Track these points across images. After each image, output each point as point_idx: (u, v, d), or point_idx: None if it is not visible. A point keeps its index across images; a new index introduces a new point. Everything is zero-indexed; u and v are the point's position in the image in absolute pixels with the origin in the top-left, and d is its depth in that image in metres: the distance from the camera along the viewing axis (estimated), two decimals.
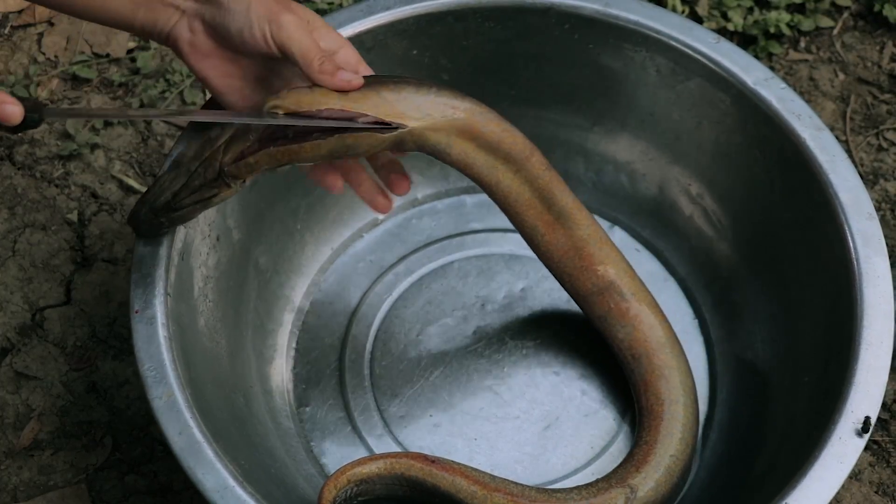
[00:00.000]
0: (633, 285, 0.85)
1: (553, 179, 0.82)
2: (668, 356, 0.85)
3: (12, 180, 1.05)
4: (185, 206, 0.77)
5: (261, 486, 0.75)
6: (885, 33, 1.14)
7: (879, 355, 0.76)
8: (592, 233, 0.84)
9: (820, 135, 0.84)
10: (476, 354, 0.93)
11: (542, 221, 0.84)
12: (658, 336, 0.85)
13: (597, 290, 0.85)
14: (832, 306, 0.81)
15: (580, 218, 0.84)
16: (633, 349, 0.85)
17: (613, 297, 0.85)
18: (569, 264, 0.85)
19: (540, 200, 0.83)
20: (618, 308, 0.85)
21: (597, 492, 0.80)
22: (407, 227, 1.00)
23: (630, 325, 0.85)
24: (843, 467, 0.73)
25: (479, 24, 0.90)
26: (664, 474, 0.81)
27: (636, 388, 0.86)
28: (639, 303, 0.85)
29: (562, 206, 0.83)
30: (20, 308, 0.99)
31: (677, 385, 0.84)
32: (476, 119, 0.78)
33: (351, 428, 0.90)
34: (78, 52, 1.12)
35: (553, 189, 0.83)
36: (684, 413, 0.83)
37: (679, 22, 0.89)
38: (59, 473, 0.92)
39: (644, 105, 0.94)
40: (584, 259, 0.85)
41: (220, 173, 0.76)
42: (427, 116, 0.76)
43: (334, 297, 0.96)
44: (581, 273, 0.85)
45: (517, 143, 0.80)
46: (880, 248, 0.80)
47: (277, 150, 0.74)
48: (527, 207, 0.83)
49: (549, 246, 0.85)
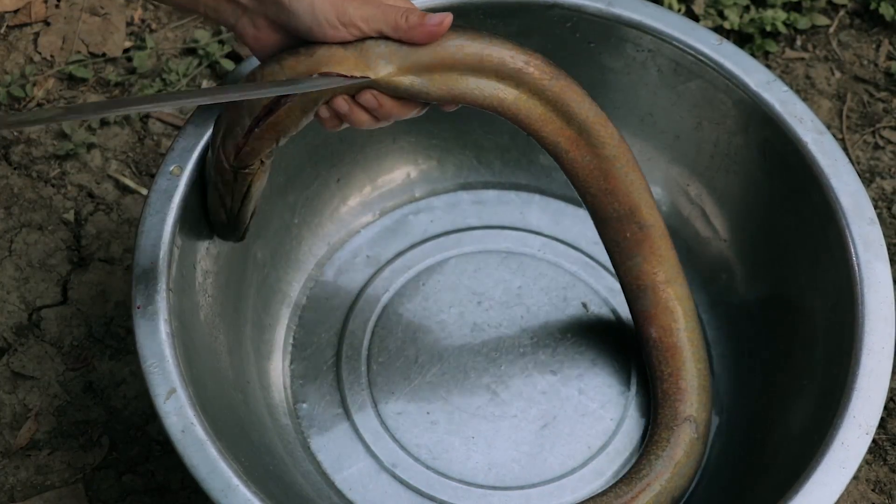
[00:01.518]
0: (652, 216, 0.82)
1: (565, 88, 0.76)
2: (675, 288, 0.84)
3: (8, 180, 1.04)
4: (239, 208, 0.80)
5: (261, 484, 0.74)
6: (881, 31, 1.14)
7: (881, 360, 0.76)
8: (619, 153, 0.80)
9: (822, 138, 0.84)
10: (473, 352, 0.93)
11: (564, 137, 0.78)
12: (666, 269, 0.84)
13: (617, 216, 0.82)
14: (832, 310, 0.82)
15: (605, 135, 0.79)
16: (640, 280, 0.84)
17: (631, 226, 0.82)
18: (594, 185, 0.81)
19: (556, 114, 0.77)
20: (634, 237, 0.83)
21: (667, 443, 0.83)
22: (404, 222, 0.99)
23: (641, 255, 0.83)
24: (846, 473, 0.73)
25: (482, 21, 0.90)
26: (702, 393, 0.84)
27: (640, 321, 0.85)
28: (654, 234, 0.83)
29: (582, 120, 0.78)
30: (17, 308, 0.98)
31: (681, 315, 0.84)
32: (444, 48, 0.73)
33: (348, 425, 0.90)
34: (74, 52, 1.11)
35: (567, 100, 0.77)
36: (694, 337, 0.84)
37: (681, 22, 0.89)
38: (56, 473, 0.91)
39: (644, 105, 0.93)
40: (610, 181, 0.80)
41: (234, 170, 0.77)
42: (388, 64, 0.72)
43: (331, 292, 0.96)
44: (605, 196, 0.81)
45: (503, 56, 0.74)
46: (881, 252, 0.80)
47: (261, 129, 0.74)
48: (543, 123, 0.77)
49: (573, 164, 0.80)
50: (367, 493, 0.87)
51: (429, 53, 0.72)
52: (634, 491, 0.82)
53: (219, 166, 0.78)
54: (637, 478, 0.82)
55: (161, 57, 1.11)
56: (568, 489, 0.88)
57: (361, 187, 0.99)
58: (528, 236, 0.99)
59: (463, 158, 1.00)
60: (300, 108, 0.74)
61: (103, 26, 1.12)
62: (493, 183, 1.01)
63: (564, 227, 0.99)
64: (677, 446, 0.83)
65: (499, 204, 1.00)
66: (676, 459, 0.83)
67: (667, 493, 0.82)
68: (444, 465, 0.88)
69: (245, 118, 0.75)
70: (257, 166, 0.78)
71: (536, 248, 0.98)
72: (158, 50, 1.11)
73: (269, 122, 0.74)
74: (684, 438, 0.83)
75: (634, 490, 0.82)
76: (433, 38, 0.71)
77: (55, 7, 1.13)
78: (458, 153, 1.00)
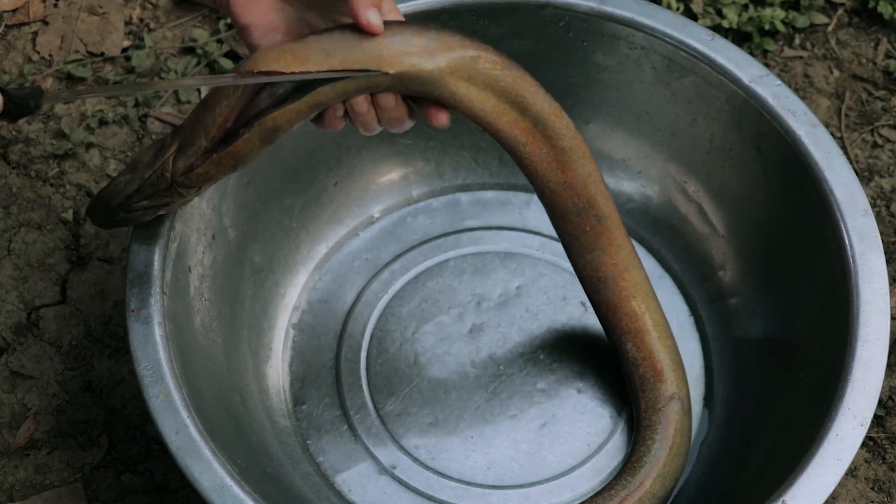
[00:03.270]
0: (608, 207, 0.81)
1: (518, 79, 0.75)
2: (633, 273, 0.84)
3: (7, 179, 1.05)
4: (137, 210, 0.77)
5: (257, 485, 0.75)
6: (879, 30, 1.14)
7: (875, 352, 0.76)
8: (576, 145, 0.79)
9: (815, 131, 0.84)
10: (472, 352, 0.93)
11: (520, 129, 0.77)
12: (624, 257, 0.83)
13: (576, 209, 0.81)
14: (828, 303, 0.81)
15: (560, 126, 0.77)
16: (599, 272, 0.84)
17: (591, 219, 0.81)
18: (552, 178, 0.80)
19: (510, 105, 0.76)
20: (593, 230, 0.82)
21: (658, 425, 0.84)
22: (402, 224, 1.00)
23: (600, 248, 0.83)
24: (840, 464, 0.73)
25: (474, 21, 0.90)
26: (678, 369, 0.85)
27: (604, 310, 0.85)
28: (611, 225, 0.82)
29: (537, 112, 0.76)
30: (15, 307, 0.99)
31: (643, 299, 0.84)
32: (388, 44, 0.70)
33: (347, 426, 0.90)
34: (72, 51, 1.11)
35: (520, 91, 0.75)
36: (658, 317, 0.85)
37: (673, 19, 0.89)
38: (55, 473, 0.92)
39: (639, 102, 0.94)
40: (567, 174, 0.79)
41: (172, 184, 0.75)
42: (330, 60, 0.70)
43: (330, 295, 0.96)
44: (564, 190, 0.80)
45: (452, 46, 0.72)
46: (876, 244, 0.80)
47: (219, 155, 0.72)
48: (497, 116, 0.76)
49: (531, 157, 0.78)
50: (367, 493, 0.87)
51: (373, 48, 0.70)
52: (640, 478, 0.82)
53: (161, 170, 0.75)
54: (639, 465, 0.82)
55: (159, 56, 1.11)
56: (568, 488, 0.88)
57: (359, 190, 0.99)
58: (527, 236, 0.99)
59: (460, 160, 1.00)
60: (260, 139, 0.72)
61: (102, 25, 1.13)
62: (491, 184, 1.01)
63: None
64: (669, 426, 0.83)
65: (497, 205, 1.01)
66: (672, 439, 0.83)
67: (669, 475, 0.83)
68: (443, 465, 0.88)
69: (201, 138, 0.73)
70: (194, 192, 0.75)
71: (535, 248, 0.98)
72: (157, 49, 1.12)
73: (227, 152, 0.72)
74: (674, 417, 0.84)
75: (640, 477, 0.82)
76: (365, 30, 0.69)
77: (53, 6, 1.14)
78: (456, 154, 1.00)
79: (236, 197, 0.89)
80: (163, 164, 0.75)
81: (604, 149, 0.97)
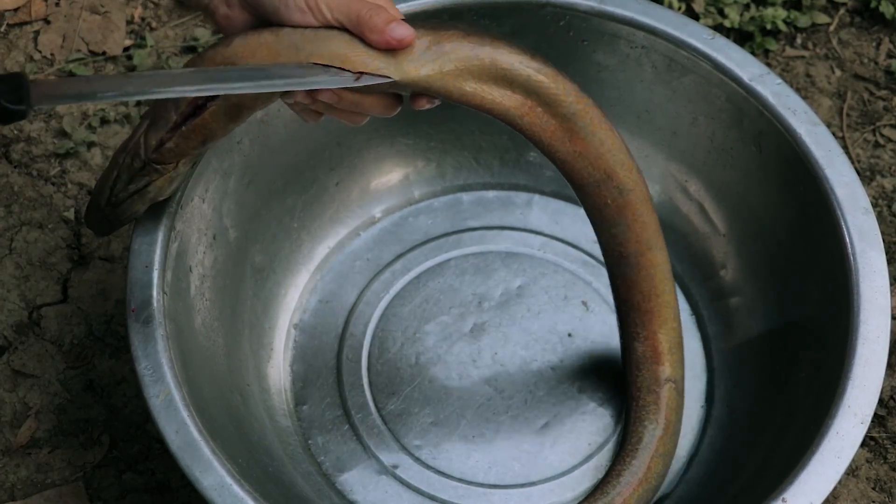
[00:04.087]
0: (631, 179, 0.78)
1: (494, 55, 0.71)
2: (656, 254, 0.81)
3: (8, 178, 1.05)
4: (123, 200, 0.76)
5: (258, 485, 0.75)
6: (881, 30, 1.14)
7: (876, 350, 0.76)
8: (580, 110, 0.74)
9: (816, 130, 0.84)
10: (473, 352, 0.93)
11: (512, 103, 0.73)
12: (649, 235, 0.80)
13: (593, 181, 0.77)
14: (829, 301, 0.81)
15: (557, 91, 0.73)
16: (623, 247, 0.81)
17: (611, 191, 0.77)
18: (561, 149, 0.75)
19: (493, 82, 0.72)
20: (615, 203, 0.78)
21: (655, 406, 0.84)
22: (403, 225, 1.00)
23: (625, 223, 0.79)
24: (841, 462, 0.73)
25: (474, 21, 0.90)
26: (677, 352, 0.85)
27: (620, 284, 0.83)
28: (635, 199, 0.78)
29: (524, 81, 0.72)
30: (17, 306, 0.99)
31: (661, 280, 0.82)
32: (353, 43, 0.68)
33: (348, 426, 0.90)
34: (74, 50, 1.12)
35: (499, 65, 0.71)
36: (671, 300, 0.84)
37: (674, 18, 0.89)
38: (56, 471, 0.92)
39: (640, 101, 0.94)
40: (576, 143, 0.75)
41: (146, 162, 0.74)
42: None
43: (331, 295, 0.96)
44: (576, 160, 0.76)
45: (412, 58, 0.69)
46: (876, 242, 0.80)
47: (187, 128, 0.72)
48: (482, 97, 0.72)
49: (533, 129, 0.74)
50: (368, 493, 0.87)
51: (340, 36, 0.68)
52: (643, 460, 0.83)
53: (134, 149, 0.75)
54: (639, 446, 0.83)
55: (161, 55, 1.12)
56: (569, 487, 0.88)
57: (360, 190, 0.99)
58: (528, 236, 0.99)
59: (461, 160, 1.00)
60: (225, 113, 0.72)
61: (103, 24, 1.13)
62: (492, 184, 1.01)
63: (564, 227, 0.99)
64: (664, 407, 0.84)
65: (498, 204, 1.01)
66: (668, 419, 0.84)
67: (668, 453, 0.84)
68: (444, 465, 0.88)
69: (171, 112, 0.73)
70: (171, 168, 0.75)
71: (536, 247, 0.98)
72: (158, 48, 1.12)
73: (195, 124, 0.72)
74: (670, 398, 0.84)
75: (643, 459, 0.83)
76: (387, 47, 0.68)
77: (55, 5, 1.14)
78: (457, 154, 1.00)
79: (237, 197, 0.89)
80: (135, 143, 0.74)
81: None
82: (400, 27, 0.68)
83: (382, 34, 0.67)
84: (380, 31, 0.67)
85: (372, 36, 0.68)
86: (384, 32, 0.67)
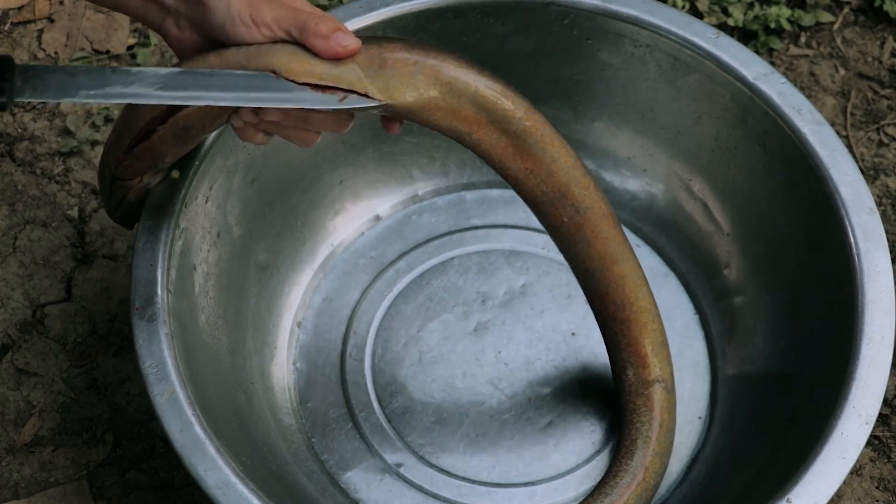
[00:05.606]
0: (588, 198, 0.76)
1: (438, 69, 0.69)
2: (622, 266, 0.80)
3: (13, 177, 1.05)
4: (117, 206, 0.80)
5: (262, 483, 0.75)
6: (885, 28, 1.14)
7: (881, 350, 0.76)
8: (530, 128, 0.72)
9: (820, 129, 0.84)
10: (477, 350, 0.93)
11: (459, 119, 0.71)
12: (612, 250, 0.79)
13: (547, 199, 0.75)
14: (833, 301, 0.81)
15: (506, 108, 0.71)
16: (585, 263, 0.80)
17: (566, 209, 0.76)
18: (512, 166, 0.73)
19: (439, 97, 0.70)
20: (572, 222, 0.76)
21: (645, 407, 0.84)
22: (407, 223, 1.00)
23: (584, 241, 0.78)
24: (846, 463, 0.73)
25: (479, 20, 0.90)
26: (662, 350, 0.84)
27: (591, 297, 0.83)
28: (593, 217, 0.77)
29: (471, 96, 0.70)
30: (21, 304, 0.99)
31: (632, 289, 0.81)
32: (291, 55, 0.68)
33: (352, 424, 0.90)
34: (78, 49, 1.12)
35: (445, 79, 0.69)
36: (646, 304, 0.82)
37: (678, 17, 0.89)
38: (59, 470, 0.92)
39: (644, 100, 0.94)
40: (527, 160, 0.73)
41: (114, 178, 0.77)
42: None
43: (335, 293, 0.96)
44: (527, 177, 0.74)
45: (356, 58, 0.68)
46: (881, 242, 0.80)
47: (138, 150, 0.73)
48: (428, 112, 0.70)
49: (481, 146, 0.72)
50: (371, 492, 0.87)
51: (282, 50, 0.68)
52: (642, 461, 0.83)
53: (102, 165, 0.78)
54: (634, 448, 0.83)
55: (165, 54, 1.12)
56: (572, 486, 0.88)
57: (364, 188, 0.99)
58: (532, 235, 0.99)
59: (465, 158, 1.00)
60: (172, 136, 0.72)
61: (107, 23, 1.13)
62: (496, 182, 1.01)
63: None
64: (656, 406, 0.84)
65: (502, 203, 1.01)
66: (661, 418, 0.84)
67: (664, 451, 0.84)
68: (448, 464, 0.88)
69: (125, 137, 0.74)
70: (136, 183, 0.77)
71: (540, 246, 0.98)
72: (162, 47, 1.12)
73: (144, 147, 0.73)
74: (659, 397, 0.84)
75: (642, 459, 0.83)
76: (333, 57, 0.67)
77: (59, 4, 1.14)
78: (461, 153, 1.00)
79: (241, 195, 0.89)
80: (102, 160, 0.78)
81: (608, 147, 0.97)
82: (345, 36, 0.67)
83: (327, 41, 0.67)
84: (324, 38, 0.67)
85: (317, 42, 0.67)
86: (329, 39, 0.67)
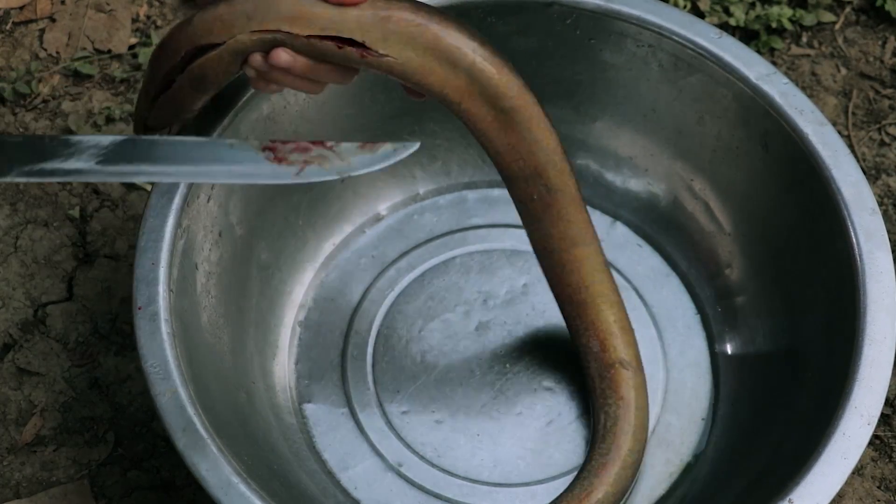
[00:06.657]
0: (561, 181, 0.78)
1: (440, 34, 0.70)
2: (581, 249, 0.81)
3: None
4: None
5: (263, 482, 0.75)
6: (887, 28, 1.14)
7: (882, 351, 0.76)
8: (520, 106, 0.74)
9: (822, 130, 0.84)
10: (478, 350, 0.93)
11: (451, 88, 0.72)
12: (573, 232, 0.80)
13: (523, 175, 0.77)
14: (834, 301, 0.81)
15: (500, 84, 0.73)
16: (545, 242, 0.81)
17: (538, 188, 0.78)
18: (495, 139, 0.75)
19: (437, 63, 0.71)
20: (541, 200, 0.78)
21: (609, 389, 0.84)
22: (408, 222, 1.00)
23: (548, 221, 0.80)
24: (847, 463, 0.73)
25: (481, 19, 0.90)
26: (623, 334, 0.84)
27: (549, 278, 0.84)
28: (562, 199, 0.78)
29: (468, 67, 0.71)
30: (22, 304, 0.99)
31: (588, 272, 0.82)
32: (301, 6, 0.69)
33: (353, 424, 0.90)
34: (79, 48, 1.12)
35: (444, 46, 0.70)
36: (604, 289, 0.83)
37: (681, 17, 0.89)
38: (61, 469, 0.92)
39: (646, 100, 0.94)
40: (511, 136, 0.75)
41: (146, 129, 0.80)
42: None
43: (336, 293, 0.96)
44: (508, 152, 0.76)
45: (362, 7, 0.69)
46: (883, 243, 0.80)
47: (161, 100, 0.76)
48: (423, 74, 0.71)
49: (470, 117, 0.74)
50: (373, 491, 0.87)
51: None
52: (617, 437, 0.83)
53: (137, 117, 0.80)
54: (606, 428, 0.83)
55: None
56: None
57: (366, 187, 0.99)
58: None
59: (467, 157, 1.00)
60: (190, 85, 0.75)
61: (109, 23, 1.13)
62: (497, 181, 1.00)
63: None
64: (620, 387, 0.84)
65: (504, 202, 1.00)
66: (626, 396, 0.84)
67: (639, 428, 0.84)
68: (449, 463, 0.88)
69: (150, 87, 0.77)
70: (165, 132, 0.80)
71: None
72: None
73: (167, 96, 0.76)
74: (623, 378, 0.84)
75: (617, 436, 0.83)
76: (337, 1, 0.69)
77: (60, 3, 1.14)
78: (462, 152, 1.00)
79: (243, 194, 0.89)
80: (136, 110, 0.80)
81: (610, 146, 0.97)
82: None
83: None
84: None
85: None
86: None
